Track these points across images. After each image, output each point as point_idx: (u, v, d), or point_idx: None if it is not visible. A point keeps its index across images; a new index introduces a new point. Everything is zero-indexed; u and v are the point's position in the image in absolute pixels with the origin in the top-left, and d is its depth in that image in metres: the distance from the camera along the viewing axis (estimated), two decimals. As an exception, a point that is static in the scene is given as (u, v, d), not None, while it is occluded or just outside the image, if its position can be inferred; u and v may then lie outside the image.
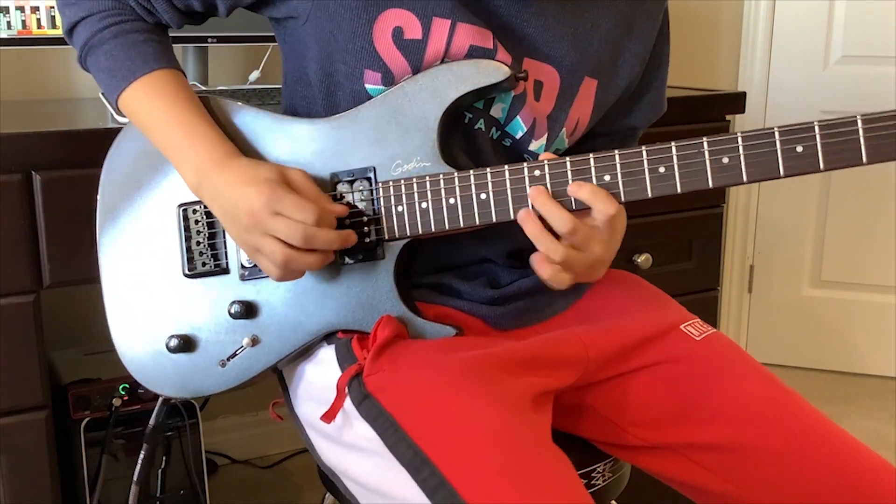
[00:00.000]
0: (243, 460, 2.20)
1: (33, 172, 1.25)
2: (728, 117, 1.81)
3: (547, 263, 0.96)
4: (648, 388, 1.04)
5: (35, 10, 1.59)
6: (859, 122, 0.86)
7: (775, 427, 0.98)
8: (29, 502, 1.32)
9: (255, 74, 1.81)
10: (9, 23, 1.58)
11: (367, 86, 1.01)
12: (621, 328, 1.05)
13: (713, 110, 1.80)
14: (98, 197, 1.08)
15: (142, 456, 1.55)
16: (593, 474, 1.10)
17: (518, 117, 1.03)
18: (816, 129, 0.87)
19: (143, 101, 1.02)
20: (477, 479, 0.84)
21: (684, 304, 1.14)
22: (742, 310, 2.85)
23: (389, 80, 1.00)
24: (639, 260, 1.70)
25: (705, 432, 1.00)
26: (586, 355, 1.02)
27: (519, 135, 1.04)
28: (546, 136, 1.05)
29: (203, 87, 1.71)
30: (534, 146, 1.05)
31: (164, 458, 1.60)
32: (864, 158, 0.86)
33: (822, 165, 0.88)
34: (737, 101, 1.82)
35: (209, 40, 1.72)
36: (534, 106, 1.04)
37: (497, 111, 1.03)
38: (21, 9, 1.58)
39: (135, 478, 1.54)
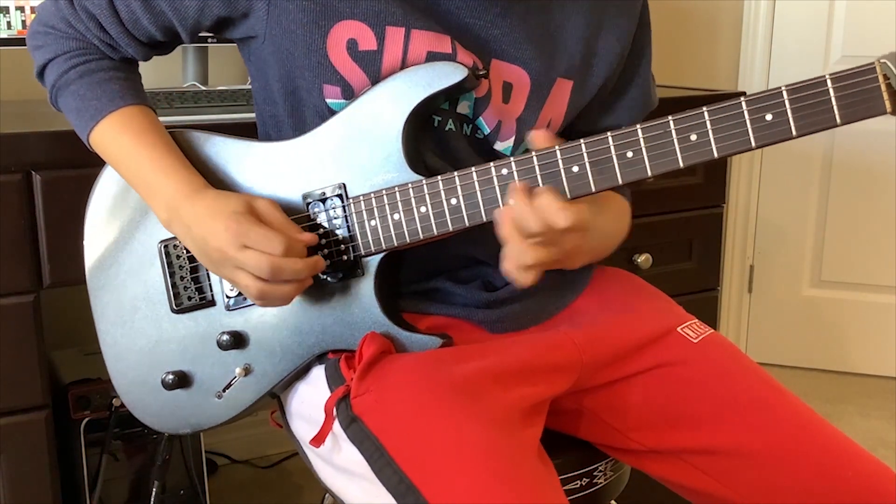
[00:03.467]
0: (243, 460, 2.20)
1: (33, 172, 1.25)
2: (728, 117, 1.81)
3: (515, 265, 0.90)
4: (647, 393, 1.03)
5: (35, 10, 1.59)
6: (829, 83, 0.81)
7: (772, 431, 0.98)
8: (29, 502, 1.32)
9: (254, 74, 1.81)
10: (9, 23, 1.58)
11: (327, 100, 1.00)
12: (617, 332, 1.05)
13: (713, 110, 1.79)
14: (84, 243, 1.08)
15: (153, 493, 1.57)
16: (595, 473, 1.10)
17: (481, 118, 1.02)
18: (785, 94, 0.83)
19: (111, 139, 1.02)
20: None
21: (684, 304, 1.14)
22: (742, 310, 2.85)
23: (349, 93, 0.99)
24: (639, 260, 1.71)
25: (703, 437, 1.00)
26: (581, 360, 1.02)
27: (486, 132, 1.04)
28: (513, 137, 1.04)
29: (203, 87, 1.71)
30: (499, 146, 1.04)
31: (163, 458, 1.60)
32: (838, 119, 0.81)
33: (794, 132, 0.83)
34: (737, 101, 1.82)
35: (209, 40, 1.72)
36: (501, 108, 1.02)
37: (464, 108, 1.02)
38: (21, 9, 1.58)
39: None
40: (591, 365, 1.03)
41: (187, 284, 1.04)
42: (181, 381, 1.04)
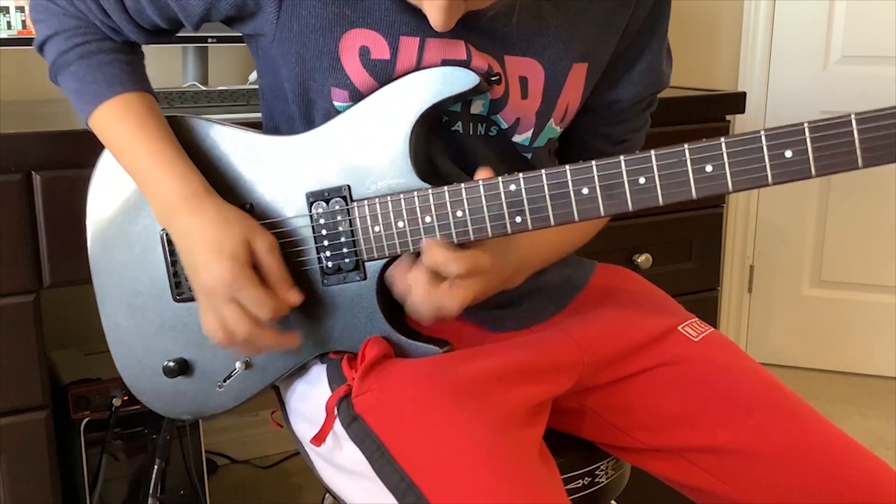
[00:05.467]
0: (243, 460, 2.20)
1: (33, 172, 1.25)
2: (728, 117, 1.82)
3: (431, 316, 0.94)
4: (649, 393, 1.03)
5: (35, 10, 1.59)
6: (854, 123, 0.77)
7: (774, 429, 0.98)
8: (29, 502, 1.32)
9: (254, 74, 1.81)
10: (9, 23, 1.58)
11: (335, 103, 0.99)
12: (618, 332, 1.05)
13: (713, 110, 1.79)
14: (86, 222, 1.07)
15: (155, 470, 1.57)
16: (597, 472, 1.10)
17: (499, 115, 1.01)
18: (807, 131, 0.79)
19: (108, 126, 1.00)
20: None
21: (684, 305, 1.14)
22: (742, 310, 2.85)
23: (357, 97, 0.98)
24: (639, 260, 1.70)
25: (705, 435, 1.00)
26: (582, 360, 1.02)
27: (504, 126, 1.02)
28: (532, 130, 1.03)
29: (203, 87, 1.71)
30: (518, 138, 1.03)
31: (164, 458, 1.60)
32: (860, 163, 0.77)
33: (813, 171, 0.79)
34: (737, 101, 1.82)
35: (209, 40, 1.72)
36: (519, 105, 1.01)
37: (477, 108, 1.01)
38: (21, 9, 1.58)
39: (150, 491, 1.57)
40: (592, 364, 1.03)
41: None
42: (182, 368, 1.05)
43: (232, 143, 1.02)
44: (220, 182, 1.01)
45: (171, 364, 1.04)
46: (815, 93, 2.64)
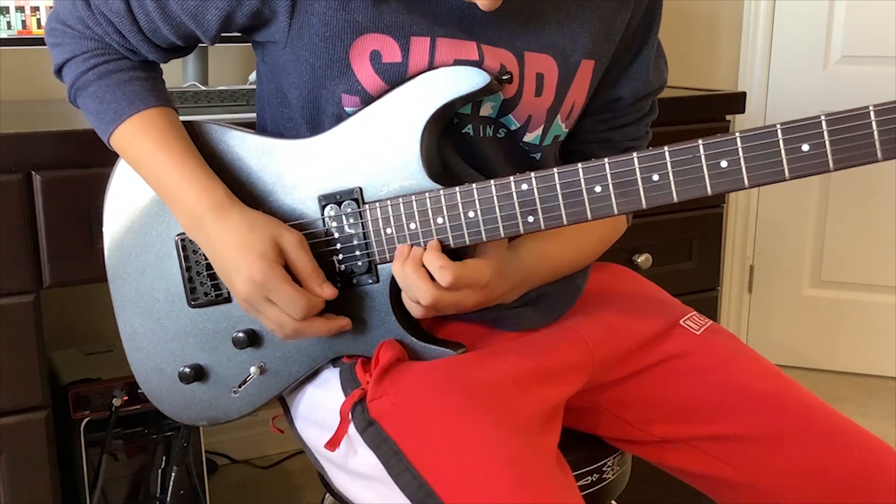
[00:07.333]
0: (243, 460, 2.20)
1: (33, 172, 1.25)
2: (728, 117, 1.82)
3: (412, 303, 0.94)
4: (658, 386, 1.05)
5: (35, 10, 1.59)
6: (872, 114, 0.75)
7: (779, 414, 1.00)
8: (29, 502, 1.32)
9: (254, 75, 1.81)
10: (9, 23, 1.58)
11: (346, 108, 0.99)
12: (624, 329, 1.06)
13: (713, 110, 1.79)
14: (103, 228, 1.08)
15: (173, 478, 1.58)
16: (604, 468, 1.12)
17: (511, 115, 1.02)
18: (824, 124, 0.77)
19: (130, 143, 1.01)
20: None
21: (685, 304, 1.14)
22: (742, 310, 2.85)
23: (369, 102, 0.98)
24: (639, 260, 1.71)
25: (713, 423, 1.02)
26: (592, 358, 1.03)
27: (513, 127, 1.03)
28: (542, 126, 1.04)
29: (203, 87, 1.71)
30: (528, 138, 1.04)
31: (164, 458, 1.60)
32: (880, 155, 0.76)
33: (831, 165, 0.77)
34: (737, 101, 1.82)
35: (209, 40, 1.71)
36: (533, 102, 1.02)
37: (487, 110, 1.01)
38: (21, 9, 1.58)
39: (167, 499, 1.58)
40: (601, 363, 1.04)
41: (203, 280, 1.03)
42: (198, 374, 1.05)
43: (244, 146, 1.02)
44: (233, 186, 1.01)
45: (187, 370, 1.04)
46: (815, 93, 2.64)
